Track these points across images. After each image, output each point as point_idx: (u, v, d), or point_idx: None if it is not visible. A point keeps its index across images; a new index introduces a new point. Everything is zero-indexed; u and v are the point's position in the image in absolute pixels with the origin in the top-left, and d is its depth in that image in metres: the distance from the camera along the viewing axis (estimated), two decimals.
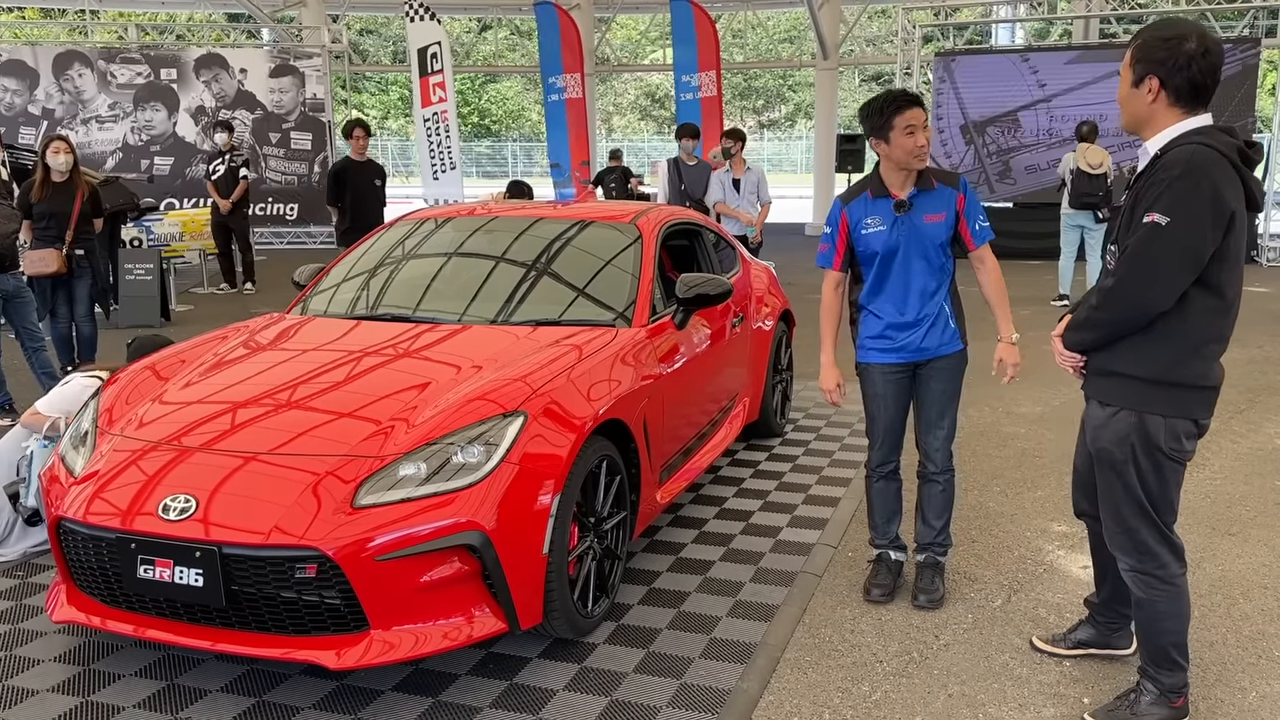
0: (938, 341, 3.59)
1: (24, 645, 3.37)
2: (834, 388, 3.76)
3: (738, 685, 3.10)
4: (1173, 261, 2.53)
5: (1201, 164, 2.50)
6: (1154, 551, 2.76)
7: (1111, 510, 2.81)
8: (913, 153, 3.47)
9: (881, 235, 3.55)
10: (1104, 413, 2.76)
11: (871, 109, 3.52)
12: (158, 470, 3.05)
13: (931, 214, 3.54)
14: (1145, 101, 2.63)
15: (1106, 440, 2.75)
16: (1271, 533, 4.39)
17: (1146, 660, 2.86)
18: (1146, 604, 2.79)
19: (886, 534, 3.84)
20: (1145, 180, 2.61)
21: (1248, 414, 6.33)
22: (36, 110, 16.81)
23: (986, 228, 3.61)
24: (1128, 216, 2.67)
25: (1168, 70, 2.57)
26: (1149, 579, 2.77)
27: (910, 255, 3.54)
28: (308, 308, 4.46)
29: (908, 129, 3.44)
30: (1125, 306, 2.62)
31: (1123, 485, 2.75)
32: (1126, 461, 2.72)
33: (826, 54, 19.75)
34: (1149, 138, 2.67)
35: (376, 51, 28.32)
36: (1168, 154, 2.58)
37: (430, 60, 17.55)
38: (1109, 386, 2.75)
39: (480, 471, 2.98)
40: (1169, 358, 2.64)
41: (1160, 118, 2.63)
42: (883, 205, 3.56)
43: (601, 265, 4.41)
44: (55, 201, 6.99)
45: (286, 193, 17.53)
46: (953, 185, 3.58)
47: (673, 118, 24.12)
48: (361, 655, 2.85)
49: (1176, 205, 2.50)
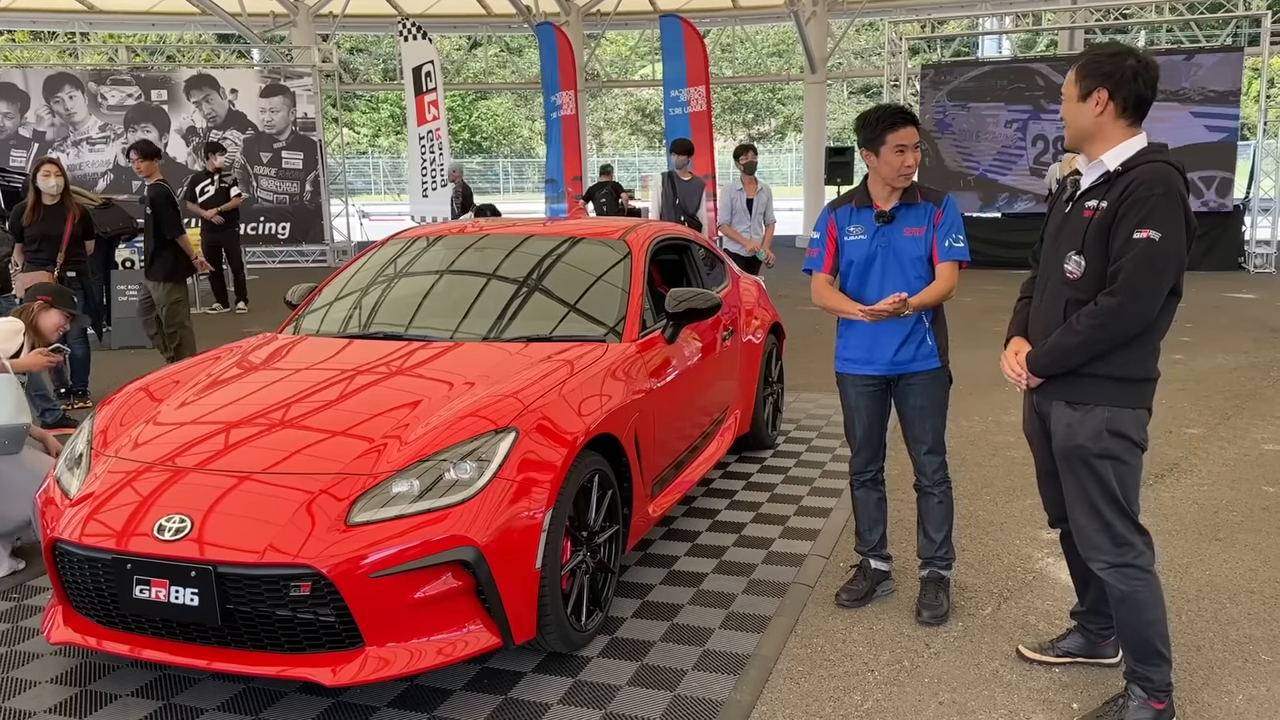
0: (911, 356, 3.60)
1: (20, 667, 3.38)
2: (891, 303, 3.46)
3: (731, 696, 3.12)
4: (1168, 274, 2.65)
5: (1174, 182, 2.63)
6: (1130, 542, 2.83)
7: (1086, 508, 2.86)
8: (899, 171, 3.51)
9: (861, 244, 3.60)
10: (1075, 412, 2.82)
11: (867, 120, 3.56)
12: (152, 491, 3.07)
13: (911, 228, 3.57)
14: (1093, 115, 2.73)
15: (1082, 437, 2.81)
16: (1258, 537, 4.43)
17: (1134, 660, 2.90)
18: (1129, 597, 2.83)
19: (868, 542, 3.87)
20: (1119, 196, 2.67)
21: (1234, 420, 6.39)
22: (27, 133, 16.85)
23: (960, 248, 3.55)
24: (1100, 231, 2.71)
25: (1114, 83, 2.69)
26: (1129, 570, 2.83)
27: (887, 267, 3.58)
28: (300, 327, 4.49)
29: (898, 147, 3.48)
30: (1132, 322, 2.68)
31: (1097, 480, 2.81)
32: (1103, 455, 2.79)
33: (815, 67, 19.88)
34: (1098, 153, 2.76)
35: (367, 70, 28.42)
36: (1138, 169, 2.66)
37: (424, 79, 17.65)
38: (1079, 387, 2.82)
39: (473, 488, 3.00)
40: (1134, 356, 2.76)
41: (1107, 131, 2.74)
42: (865, 215, 3.62)
43: (592, 281, 4.45)
44: (47, 224, 7.01)
45: (278, 212, 17.58)
46: (935, 202, 3.60)
47: (663, 132, 24.22)
48: (356, 672, 2.86)
49: (1166, 221, 2.60)
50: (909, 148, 3.49)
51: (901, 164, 3.50)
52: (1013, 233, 15.14)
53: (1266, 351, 8.64)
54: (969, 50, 20.91)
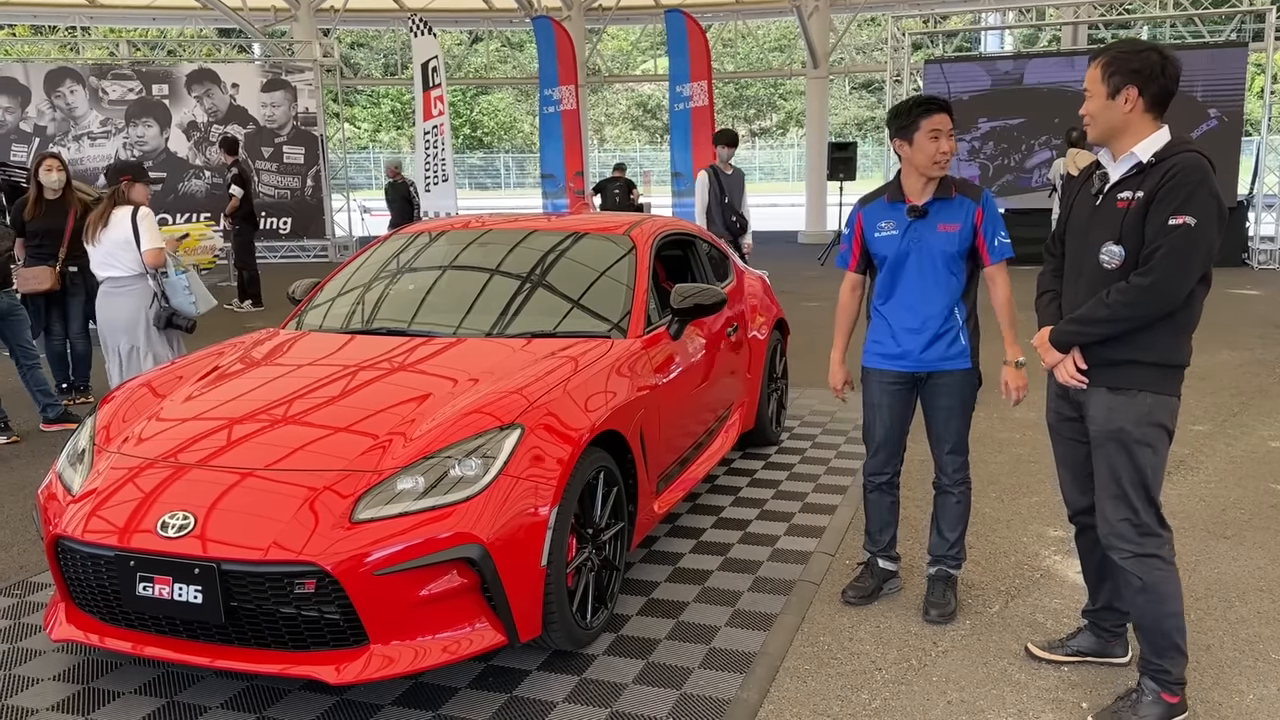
0: (941, 355, 3.54)
1: (23, 664, 3.36)
2: (840, 386, 3.81)
3: (737, 695, 3.10)
4: (1201, 260, 2.69)
5: (1208, 171, 2.69)
6: (1156, 532, 2.85)
7: (1117, 494, 2.86)
8: (934, 158, 3.42)
9: (893, 240, 3.53)
10: (1119, 397, 2.84)
11: (900, 110, 3.50)
12: (155, 487, 3.05)
13: (946, 224, 3.48)
14: (1123, 111, 2.76)
15: (1125, 420, 2.82)
16: (1266, 535, 4.41)
17: (1150, 653, 2.89)
18: (1150, 588, 2.83)
19: (878, 542, 3.84)
20: (1156, 183, 2.69)
21: (1241, 417, 6.36)
22: (28, 127, 16.83)
23: (1006, 244, 3.51)
24: (1138, 220, 2.73)
25: (1144, 79, 2.73)
26: (1152, 560, 2.84)
27: (921, 263, 3.50)
28: (303, 322, 4.47)
29: (933, 133, 3.40)
30: (1161, 303, 2.71)
31: (1132, 465, 2.83)
32: (1143, 440, 2.81)
33: (817, 62, 19.84)
34: (1127, 147, 2.79)
35: (368, 65, 28.37)
36: (1174, 158, 2.70)
37: (431, 74, 17.62)
38: (1122, 373, 2.84)
39: (478, 484, 2.98)
40: (1171, 343, 2.80)
41: (1136, 126, 2.78)
42: (898, 210, 3.54)
43: (596, 277, 4.43)
44: (48, 219, 6.99)
45: (280, 207, 17.56)
46: (973, 198, 3.51)
47: (665, 128, 24.18)
48: (361, 670, 2.85)
49: (1202, 208, 2.66)
50: (943, 134, 3.41)
51: (937, 150, 3.41)
52: (1016, 228, 15.06)
53: (1272, 348, 8.61)
54: (971, 45, 20.87)
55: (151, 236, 5.71)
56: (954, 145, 3.49)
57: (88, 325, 7.44)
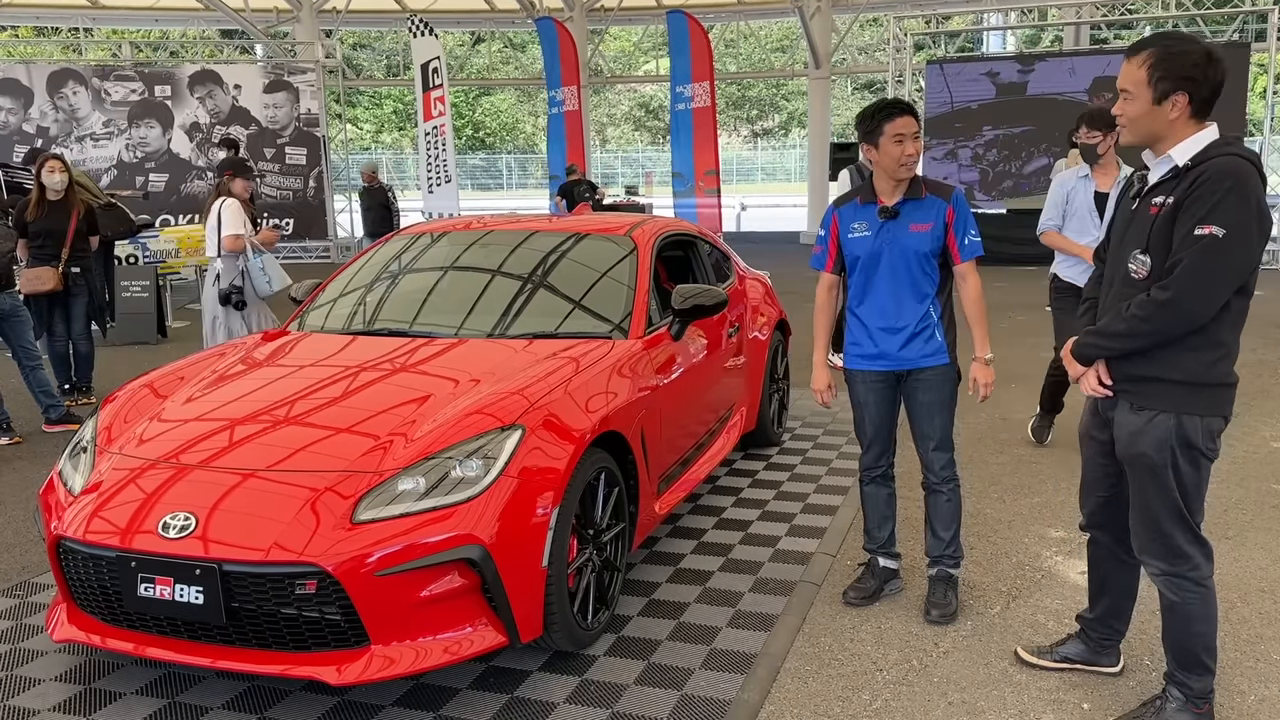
0: (919, 353, 3.58)
1: (24, 665, 3.37)
2: (824, 388, 3.81)
3: (738, 696, 3.10)
4: (1230, 273, 2.53)
5: (1246, 176, 2.50)
6: (1187, 554, 2.74)
7: (1146, 516, 2.77)
8: (900, 161, 3.48)
9: (865, 240, 3.58)
10: (1140, 418, 2.71)
11: (864, 114, 3.57)
12: (157, 488, 3.05)
13: (917, 224, 3.53)
14: (1168, 118, 2.59)
15: (1145, 445, 2.70)
16: (1268, 536, 4.40)
17: (1174, 665, 2.84)
18: (1179, 607, 2.76)
19: (877, 539, 3.85)
20: (1185, 190, 2.55)
21: (1243, 418, 6.35)
22: (31, 128, 16.86)
23: (976, 243, 3.56)
24: (1165, 228, 2.59)
25: (1196, 86, 2.54)
26: (1182, 581, 2.76)
27: (894, 263, 3.55)
28: (305, 323, 4.48)
29: (896, 137, 3.45)
30: (1180, 319, 2.56)
31: (1159, 489, 2.72)
32: (1165, 465, 2.68)
33: (819, 63, 19.83)
34: (1165, 150, 2.63)
35: (370, 65, 28.38)
36: (1208, 163, 2.53)
37: (431, 75, 17.64)
38: (1145, 391, 2.70)
39: (479, 485, 2.98)
40: (1206, 360, 2.64)
41: (1179, 130, 2.60)
42: (870, 211, 3.60)
43: (597, 277, 4.43)
44: (51, 220, 7.00)
45: (282, 208, 17.58)
46: (943, 197, 3.57)
47: (667, 128, 24.21)
48: (362, 671, 2.85)
49: (1232, 218, 2.48)
50: (908, 137, 3.45)
51: (901, 153, 3.46)
52: (1018, 228, 15.08)
53: (1274, 349, 8.60)
54: (973, 46, 20.86)
55: (231, 224, 6.30)
56: (919, 147, 3.55)
57: (90, 326, 7.46)
